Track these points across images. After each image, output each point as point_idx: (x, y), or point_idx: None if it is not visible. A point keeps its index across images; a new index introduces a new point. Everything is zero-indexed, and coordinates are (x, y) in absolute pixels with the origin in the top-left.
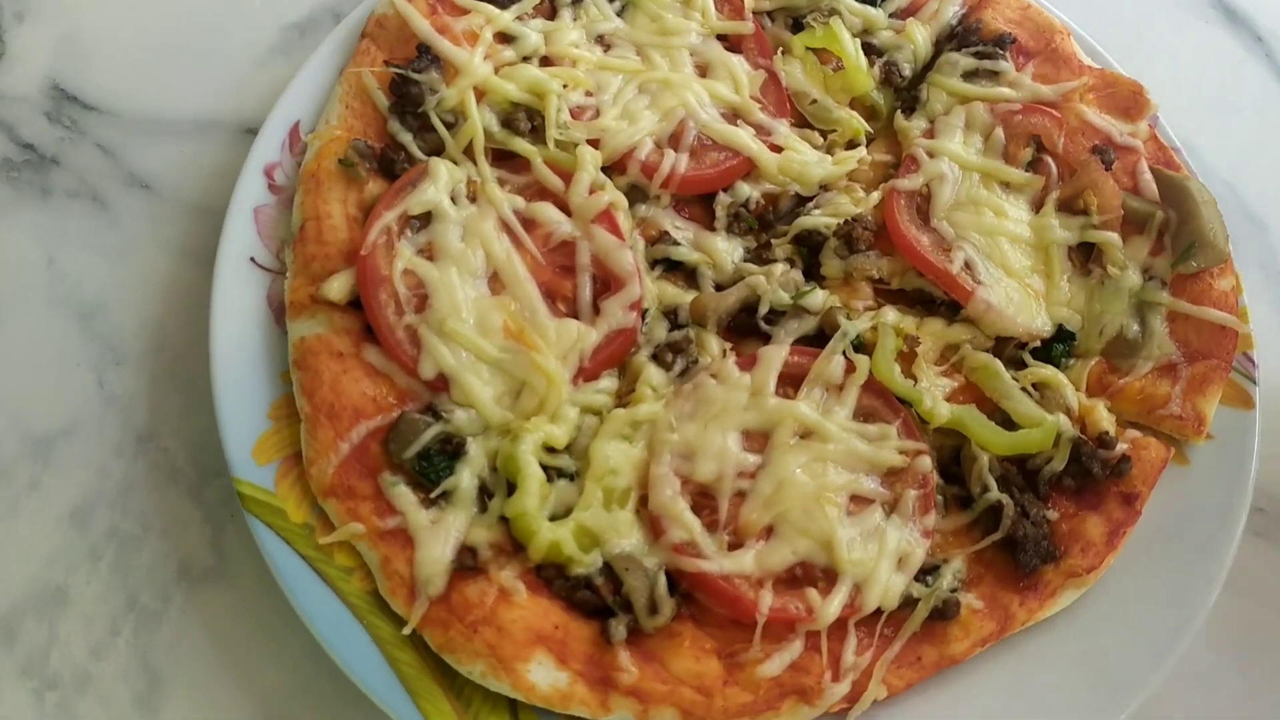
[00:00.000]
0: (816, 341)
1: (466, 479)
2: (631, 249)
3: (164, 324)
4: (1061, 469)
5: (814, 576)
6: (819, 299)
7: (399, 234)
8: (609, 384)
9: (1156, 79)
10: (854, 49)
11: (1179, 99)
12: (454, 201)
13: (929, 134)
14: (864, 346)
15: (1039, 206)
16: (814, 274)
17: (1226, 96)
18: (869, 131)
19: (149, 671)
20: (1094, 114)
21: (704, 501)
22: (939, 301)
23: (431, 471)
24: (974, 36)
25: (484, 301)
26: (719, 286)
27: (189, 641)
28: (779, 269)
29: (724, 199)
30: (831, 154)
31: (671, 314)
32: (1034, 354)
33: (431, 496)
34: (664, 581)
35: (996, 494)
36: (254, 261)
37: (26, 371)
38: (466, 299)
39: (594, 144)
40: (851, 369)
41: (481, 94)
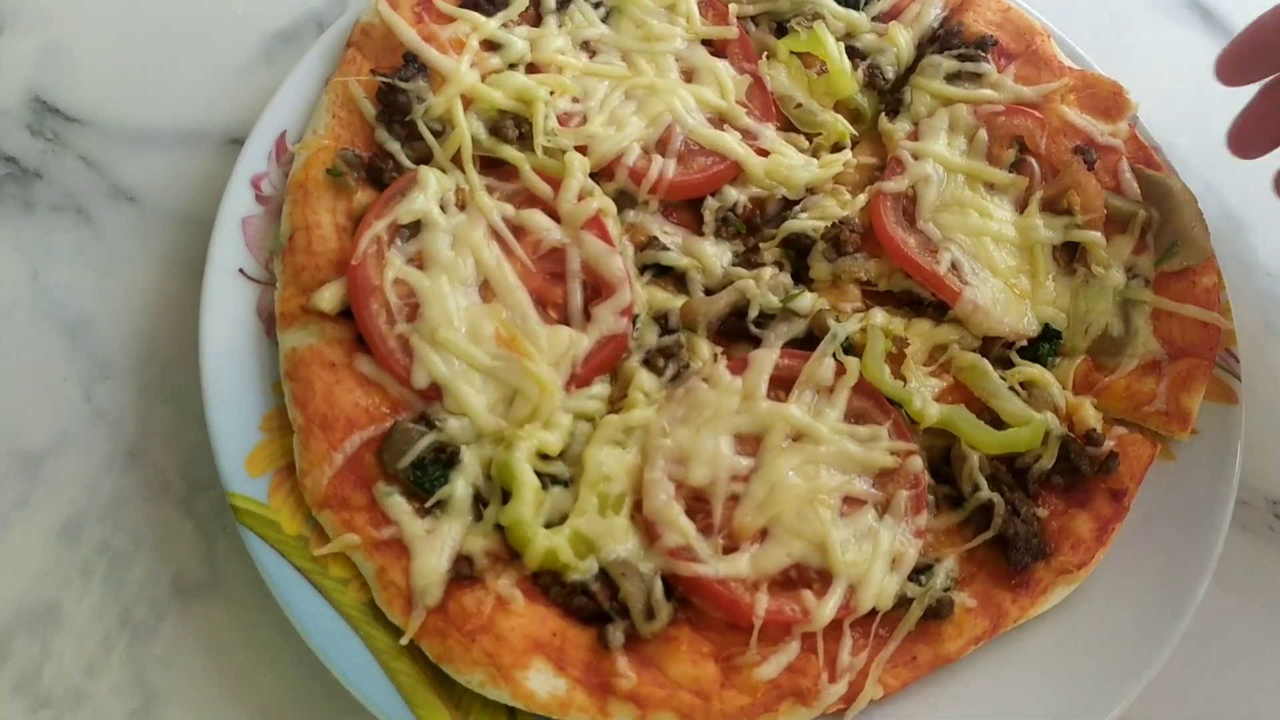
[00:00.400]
0: (806, 344)
1: (461, 488)
2: (621, 255)
3: (152, 337)
4: (1050, 467)
5: (809, 578)
6: (808, 302)
7: (389, 243)
8: (601, 390)
9: (1135, 79)
10: (838, 53)
11: (1157, 99)
12: (443, 210)
13: (913, 136)
14: (853, 348)
15: (1023, 207)
16: (802, 277)
17: (1203, 95)
18: (854, 134)
19: (144, 687)
20: (1075, 114)
21: (698, 506)
22: (926, 302)
23: (426, 481)
24: (956, 39)
25: (475, 310)
26: (708, 291)
27: (183, 656)
28: (768, 273)
29: (712, 204)
30: (817, 157)
31: (662, 319)
32: (1021, 353)
33: (426, 506)
34: (660, 586)
35: (987, 493)
36: (243, 273)
37: (13, 387)
38: (458, 307)
39: (582, 150)
40: (842, 371)
41: (469, 102)
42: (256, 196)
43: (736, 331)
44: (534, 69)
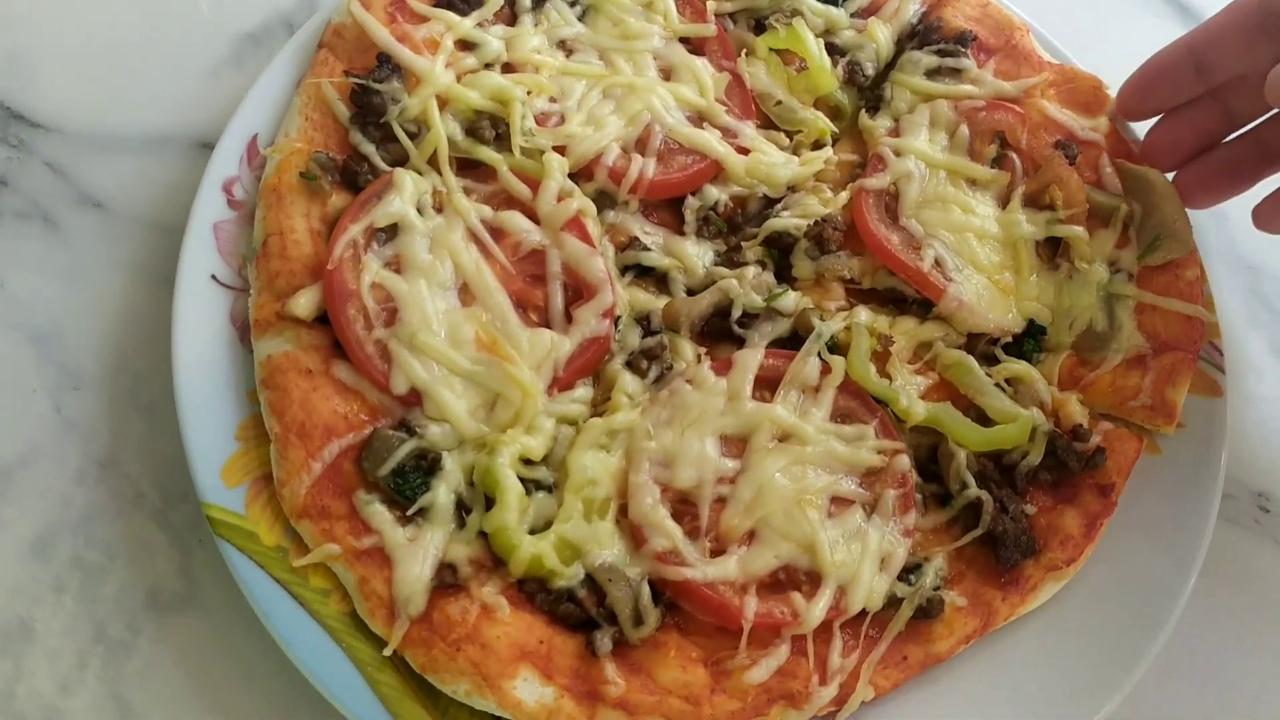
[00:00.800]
0: (790, 344)
1: (443, 495)
2: (602, 255)
3: (123, 346)
4: (1038, 463)
5: (798, 580)
6: (792, 301)
7: (365, 247)
8: (584, 393)
9: (1113, 74)
10: (817, 49)
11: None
12: (420, 212)
13: (894, 133)
14: (838, 347)
15: (1005, 202)
16: (785, 276)
17: None
18: (834, 131)
19: (120, 704)
20: (1055, 109)
21: (684, 509)
22: (910, 300)
23: (407, 488)
24: (935, 34)
25: (455, 313)
26: (691, 291)
27: (160, 672)
28: (750, 272)
29: (692, 203)
30: (798, 155)
31: (644, 320)
32: (1005, 349)
33: (408, 514)
34: (647, 591)
35: (975, 490)
36: (215, 279)
37: None
38: (437, 311)
39: (560, 151)
40: (827, 370)
41: (444, 102)
42: (228, 201)
43: (720, 332)
44: (510, 69)
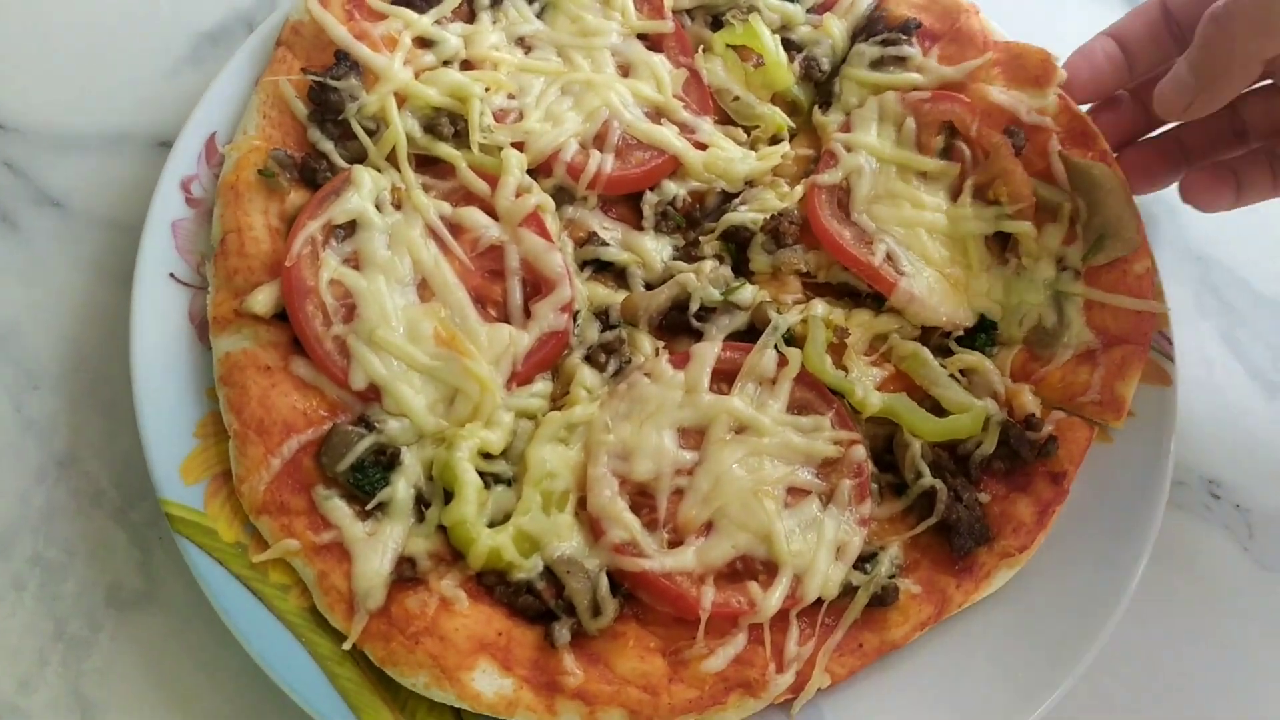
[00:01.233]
0: (748, 336)
1: (402, 489)
2: (560, 251)
3: (81, 345)
4: (991, 452)
5: (755, 570)
6: (749, 294)
7: (324, 244)
8: (543, 387)
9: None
10: (773, 45)
11: None
12: (379, 209)
13: (845, 127)
14: (795, 340)
15: (957, 194)
16: (743, 270)
17: None
18: (791, 126)
19: (81, 702)
20: (998, 91)
21: (643, 500)
22: (864, 294)
23: (366, 483)
24: (880, 25)
25: (413, 309)
26: (649, 285)
27: (121, 668)
28: (708, 266)
29: (651, 198)
30: (755, 150)
31: (603, 315)
32: (959, 343)
33: (367, 509)
34: (606, 582)
35: (930, 480)
36: (174, 277)
37: None
38: (395, 307)
39: (519, 147)
40: (784, 362)
41: (403, 99)
42: (187, 199)
43: (678, 325)
44: (469, 66)
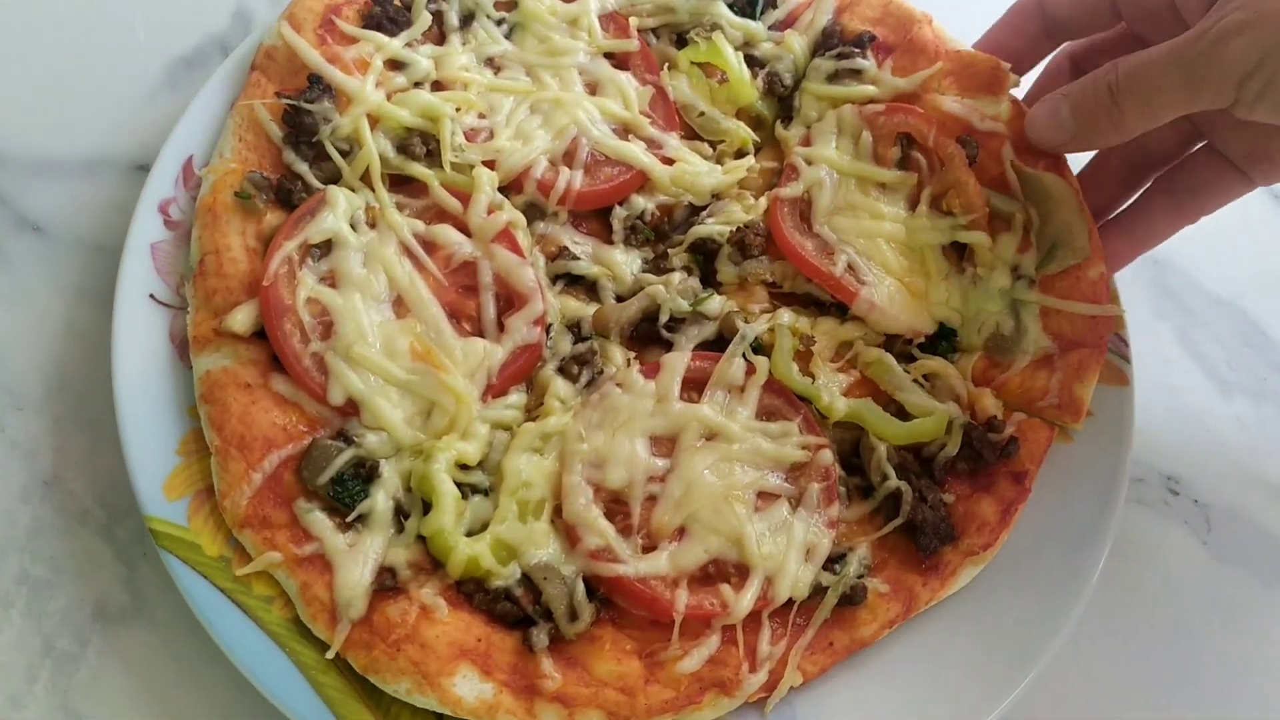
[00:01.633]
0: (717, 346)
1: (381, 501)
2: (532, 266)
3: (64, 366)
4: (955, 454)
5: (727, 573)
6: (717, 304)
7: (300, 263)
8: (517, 399)
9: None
10: (737, 62)
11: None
12: (354, 228)
13: (805, 141)
14: (762, 348)
15: (916, 202)
16: (711, 281)
17: None
18: (756, 140)
19: (70, 716)
20: (951, 101)
21: (617, 507)
22: (828, 303)
23: (346, 496)
24: (835, 39)
25: (389, 325)
26: (620, 298)
27: (109, 683)
28: (677, 278)
29: (620, 212)
30: (721, 164)
31: (575, 327)
32: (921, 350)
33: (348, 520)
34: (582, 588)
35: (895, 482)
36: (154, 298)
37: None
38: (372, 324)
39: (490, 165)
40: (752, 370)
41: (375, 121)
42: (165, 222)
43: (649, 336)
44: (439, 86)
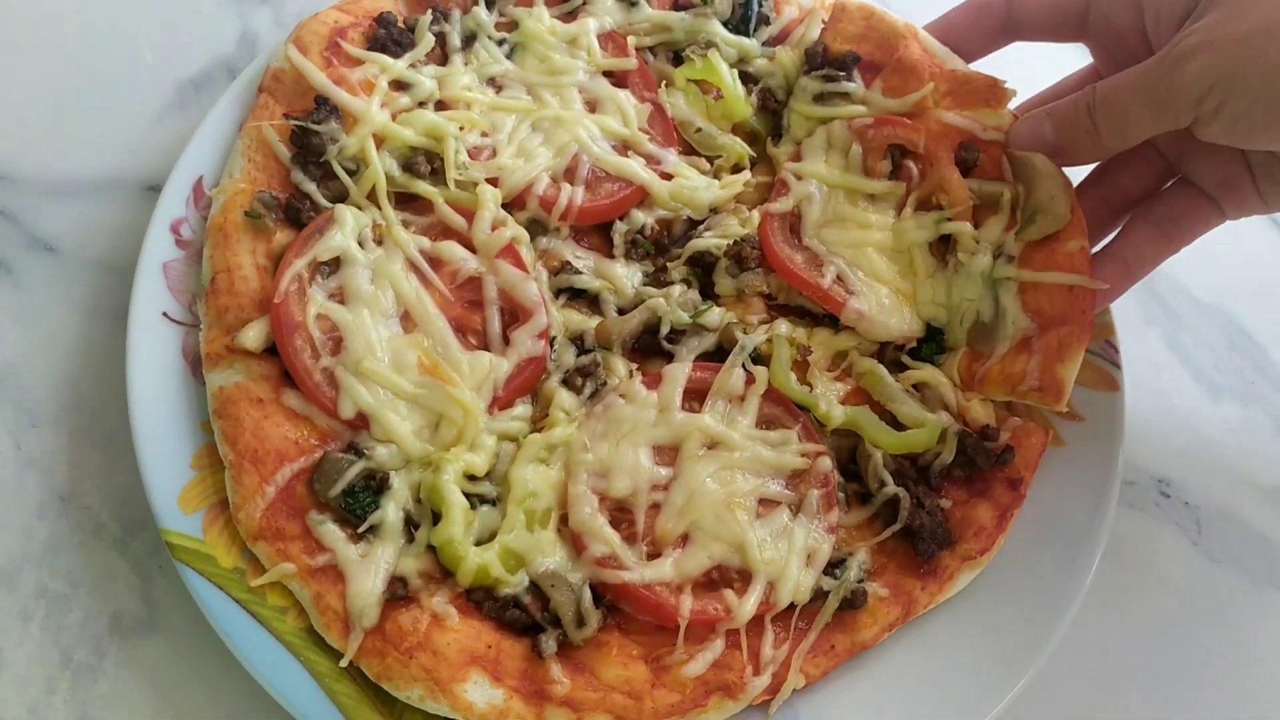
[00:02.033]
0: (716, 357)
1: (392, 512)
2: (536, 280)
3: (78, 383)
4: (950, 461)
5: (730, 578)
6: (716, 316)
7: (310, 280)
8: (523, 411)
9: (1010, 64)
10: (731, 78)
11: (1039, 84)
12: (361, 246)
13: (795, 157)
14: (761, 358)
15: (902, 208)
16: (709, 293)
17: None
18: (752, 155)
19: None
20: (952, 115)
21: (621, 515)
22: (820, 314)
23: (357, 507)
24: (819, 59)
25: (397, 340)
26: (621, 311)
27: (127, 693)
28: (677, 290)
29: (621, 227)
30: (719, 179)
31: (578, 340)
32: (911, 355)
33: (359, 531)
34: (589, 595)
35: (893, 488)
36: (166, 316)
37: None
38: (380, 339)
39: (493, 182)
40: (751, 380)
41: (381, 140)
42: (176, 241)
43: (650, 348)
44: (443, 106)
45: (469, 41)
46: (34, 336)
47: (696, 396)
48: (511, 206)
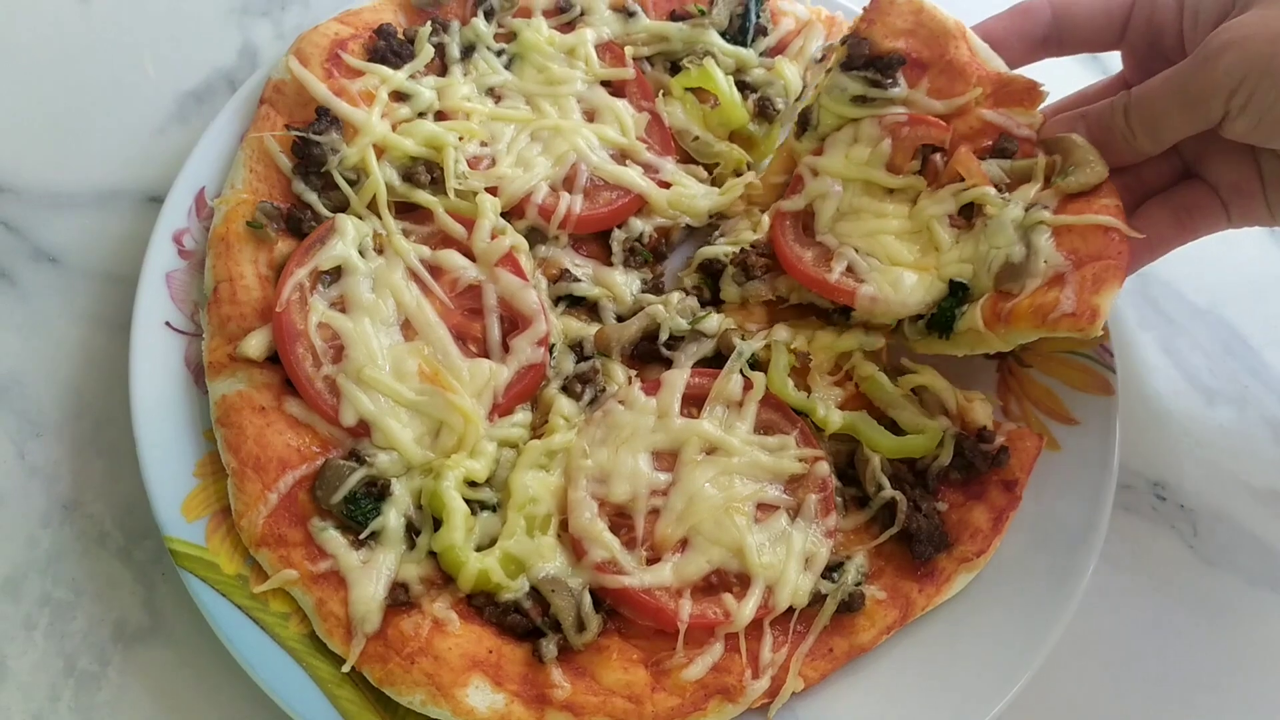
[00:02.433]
0: (715, 363)
1: (393, 518)
2: (535, 288)
3: (82, 393)
4: (947, 464)
5: (729, 582)
6: (715, 323)
7: (311, 289)
8: (523, 417)
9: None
10: (728, 87)
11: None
12: (362, 255)
13: (818, 152)
14: (759, 364)
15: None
16: (716, 300)
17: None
18: (750, 162)
19: None
20: (989, 113)
21: (621, 521)
22: (832, 310)
23: (359, 514)
24: (862, 57)
25: (398, 348)
26: (620, 318)
27: (130, 700)
28: (675, 297)
29: (619, 235)
30: (718, 185)
31: (577, 347)
32: (931, 319)
33: (361, 538)
34: (589, 599)
35: (890, 492)
36: (169, 326)
37: None
38: (381, 347)
39: (492, 191)
40: (749, 386)
41: (381, 151)
42: (179, 251)
43: (649, 354)
44: (442, 116)
45: (468, 52)
46: (38, 346)
47: (695, 402)
48: (511, 215)
